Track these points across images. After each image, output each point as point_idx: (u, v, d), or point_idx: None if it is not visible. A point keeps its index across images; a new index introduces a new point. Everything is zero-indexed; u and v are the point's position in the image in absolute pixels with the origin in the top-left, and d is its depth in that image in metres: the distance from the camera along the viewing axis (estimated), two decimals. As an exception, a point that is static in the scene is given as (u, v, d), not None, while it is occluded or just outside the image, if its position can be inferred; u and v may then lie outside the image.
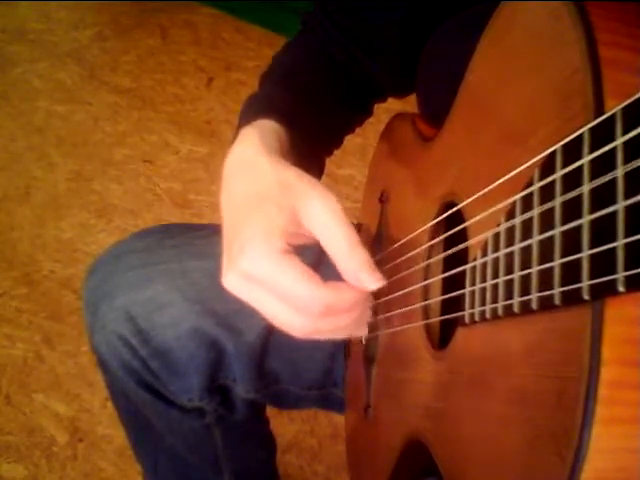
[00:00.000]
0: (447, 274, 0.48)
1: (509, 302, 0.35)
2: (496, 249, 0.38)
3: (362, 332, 0.55)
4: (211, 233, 0.73)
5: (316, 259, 0.53)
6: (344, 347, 0.74)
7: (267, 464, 0.94)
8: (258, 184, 0.48)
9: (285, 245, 0.46)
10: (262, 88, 0.65)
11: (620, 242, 0.26)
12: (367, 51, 0.66)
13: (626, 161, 0.26)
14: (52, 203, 1.70)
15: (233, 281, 0.47)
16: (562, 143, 0.31)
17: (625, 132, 0.26)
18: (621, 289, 0.26)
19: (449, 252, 0.47)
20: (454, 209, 0.46)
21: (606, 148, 0.27)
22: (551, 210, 0.31)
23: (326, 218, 0.46)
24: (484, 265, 0.39)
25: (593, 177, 0.28)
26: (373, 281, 0.46)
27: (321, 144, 0.66)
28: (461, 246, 0.44)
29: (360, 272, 0.46)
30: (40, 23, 2.33)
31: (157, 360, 0.71)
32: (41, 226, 1.63)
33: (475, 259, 0.41)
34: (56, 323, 1.42)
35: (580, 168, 0.29)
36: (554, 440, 0.31)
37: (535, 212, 0.33)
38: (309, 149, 0.61)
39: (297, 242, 0.47)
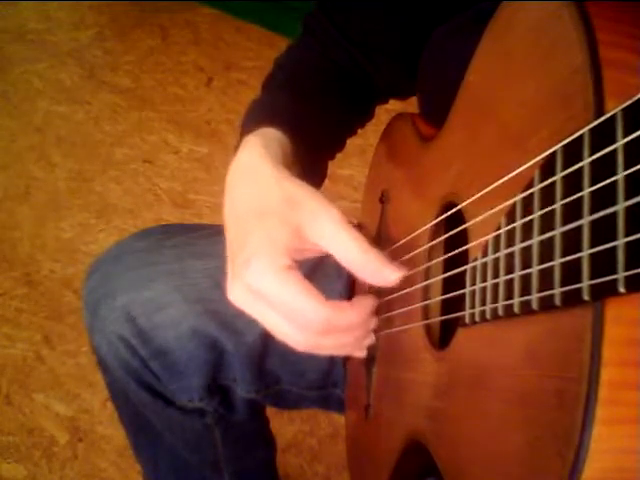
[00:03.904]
0: (447, 274, 0.48)
1: (509, 302, 0.35)
2: (496, 249, 0.38)
3: (362, 353, 0.55)
4: (211, 233, 0.74)
5: (310, 271, 0.54)
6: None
7: (267, 464, 0.94)
8: (263, 198, 0.49)
9: (289, 261, 0.46)
10: (265, 94, 0.65)
11: (620, 241, 0.26)
12: (368, 53, 0.65)
13: (626, 161, 0.26)
14: (52, 203, 1.70)
15: (237, 294, 0.48)
16: (562, 144, 0.31)
17: (625, 133, 0.26)
18: (621, 290, 0.26)
19: (450, 254, 0.47)
20: (454, 209, 0.46)
21: (607, 150, 0.27)
22: (551, 211, 0.31)
23: (334, 230, 0.46)
24: (484, 265, 0.39)
25: (593, 178, 0.28)
26: (394, 273, 0.47)
27: (324, 149, 0.66)
28: (462, 248, 0.44)
29: (380, 269, 0.47)
30: (40, 23, 2.34)
31: (157, 360, 0.71)
32: (41, 226, 1.63)
33: (476, 259, 0.41)
34: (56, 323, 1.42)
35: (580, 169, 0.29)
36: (555, 440, 0.31)
37: (536, 213, 0.33)
38: (312, 156, 0.61)
39: (300, 257, 0.48)
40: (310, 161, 0.60)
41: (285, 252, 0.46)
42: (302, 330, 0.47)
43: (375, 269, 0.47)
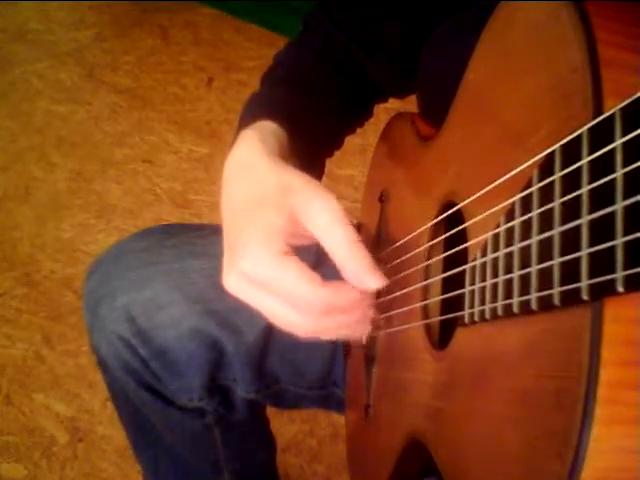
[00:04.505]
0: (447, 274, 0.48)
1: (508, 302, 0.35)
2: (496, 249, 0.38)
3: (364, 332, 0.55)
4: (211, 233, 0.74)
5: (316, 260, 0.53)
6: (344, 347, 0.74)
7: (267, 464, 0.94)
8: (258, 186, 0.49)
9: (285, 246, 0.46)
10: (263, 89, 0.65)
11: (619, 241, 0.26)
12: (368, 52, 0.66)
13: (625, 161, 0.26)
14: (52, 203, 1.70)
15: (234, 283, 0.48)
16: (561, 143, 0.31)
17: (624, 132, 0.26)
18: (620, 289, 0.26)
19: (449, 253, 0.47)
20: (454, 209, 0.46)
21: (606, 149, 0.27)
22: (550, 210, 0.31)
23: (326, 219, 0.46)
24: (484, 265, 0.39)
25: (592, 177, 0.28)
26: (374, 280, 0.47)
27: (322, 146, 0.66)
28: (461, 247, 0.44)
29: (361, 272, 0.46)
30: (40, 23, 2.33)
31: (157, 360, 0.71)
32: (41, 226, 1.63)
33: (475, 259, 0.41)
34: (56, 323, 1.42)
35: (579, 168, 0.29)
36: (554, 440, 0.31)
37: (534, 212, 0.33)
38: (310, 151, 0.61)
39: (297, 243, 0.47)
40: (307, 156, 0.60)
41: (280, 237, 0.46)
42: (303, 313, 0.47)
43: (356, 268, 0.46)
